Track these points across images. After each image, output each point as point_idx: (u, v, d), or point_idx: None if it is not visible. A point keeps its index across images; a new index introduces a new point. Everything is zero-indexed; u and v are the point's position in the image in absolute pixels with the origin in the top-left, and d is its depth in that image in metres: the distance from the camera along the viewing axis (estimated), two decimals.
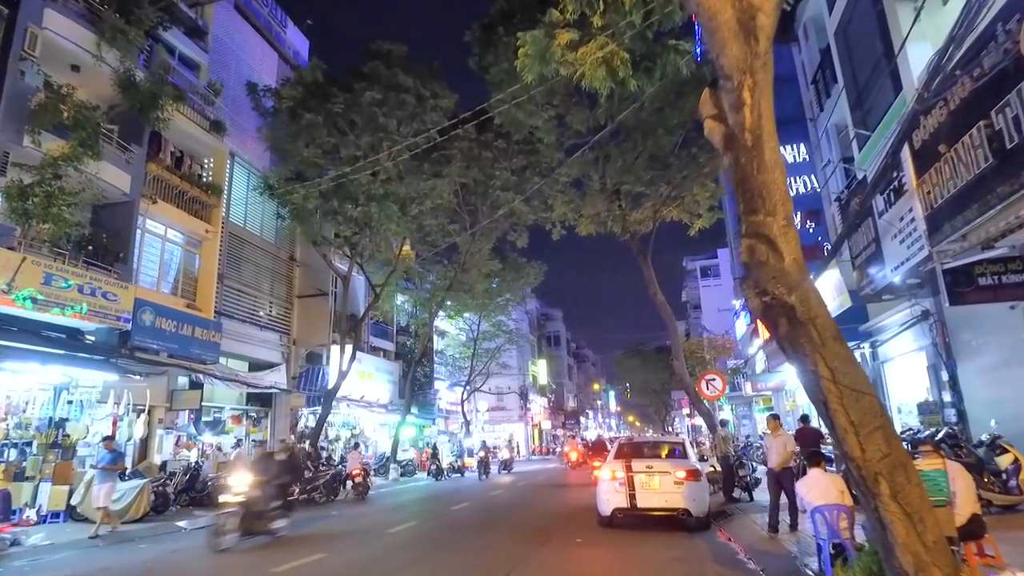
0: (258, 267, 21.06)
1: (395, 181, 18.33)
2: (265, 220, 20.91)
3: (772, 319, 3.82)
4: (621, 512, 9.26)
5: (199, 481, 14.72)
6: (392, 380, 27.40)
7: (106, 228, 13.80)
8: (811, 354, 3.74)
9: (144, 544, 9.65)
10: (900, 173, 9.12)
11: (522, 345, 44.37)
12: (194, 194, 16.33)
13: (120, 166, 13.70)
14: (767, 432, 9.49)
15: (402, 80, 16.90)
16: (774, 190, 3.82)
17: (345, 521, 12.40)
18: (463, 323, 33.79)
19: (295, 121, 16.88)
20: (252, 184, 20.20)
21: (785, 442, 8.79)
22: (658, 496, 9.17)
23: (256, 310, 20.69)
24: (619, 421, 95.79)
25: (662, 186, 14.45)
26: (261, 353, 20.71)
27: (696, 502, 9.02)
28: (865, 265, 11.18)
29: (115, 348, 13.13)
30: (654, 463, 9.49)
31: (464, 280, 24.85)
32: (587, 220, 14.88)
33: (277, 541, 9.52)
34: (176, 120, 15.65)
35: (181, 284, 16.27)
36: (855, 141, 11.97)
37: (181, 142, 16.53)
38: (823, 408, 3.81)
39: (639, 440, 12.66)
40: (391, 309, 27.24)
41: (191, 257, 16.81)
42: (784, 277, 3.75)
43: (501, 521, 11.49)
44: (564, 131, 15.41)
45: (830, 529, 5.27)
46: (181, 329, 14.87)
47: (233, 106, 19.72)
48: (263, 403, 21.34)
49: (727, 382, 14.52)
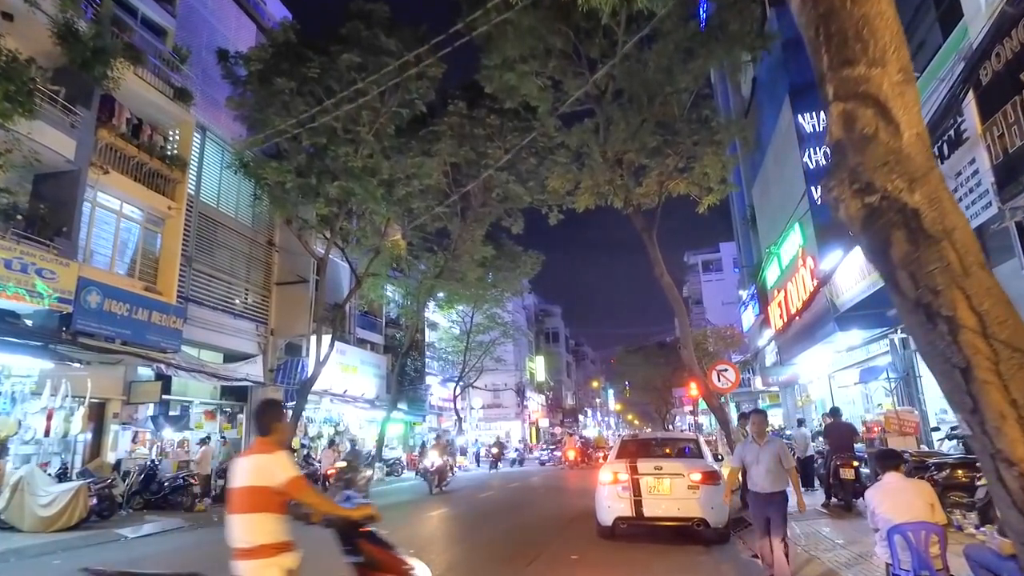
0: (233, 251, 19.62)
1: (377, 156, 16.85)
2: (241, 202, 19.45)
3: (880, 234, 2.37)
4: (625, 522, 7.80)
5: (155, 482, 13.29)
6: (379, 374, 25.94)
7: (48, 199, 12.34)
8: (946, 290, 2.28)
9: (59, 559, 8.17)
10: (958, 120, 7.69)
11: (519, 339, 42.90)
12: (154, 166, 14.85)
13: (63, 130, 12.24)
14: (747, 436, 6.40)
15: (383, 43, 15.41)
16: (881, 27, 2.37)
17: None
18: (456, 315, 32.33)
19: (265, 87, 15.39)
20: (226, 162, 18.76)
21: (778, 454, 5.75)
22: (669, 503, 7.72)
23: (230, 297, 19.24)
24: (618, 420, 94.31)
25: (669, 156, 12.98)
26: (236, 343, 19.28)
27: (714, 510, 7.56)
28: None
29: (54, 332, 11.68)
30: (664, 463, 8.02)
31: (455, 268, 23.36)
32: (586, 192, 13.40)
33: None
34: (134, 85, 14.21)
35: (139, 265, 14.80)
36: None
37: (141, 109, 15.05)
38: (958, 380, 2.34)
39: (645, 436, 11.07)
40: (379, 298, 25.77)
41: (152, 236, 15.34)
42: (902, 162, 2.30)
43: (484, 529, 10.04)
44: (561, 97, 13.97)
45: (916, 556, 3.84)
46: (136, 313, 13.42)
47: (205, 78, 18.25)
48: (239, 397, 19.90)
49: (740, 373, 13.06)
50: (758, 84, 18.44)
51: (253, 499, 2.84)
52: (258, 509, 2.82)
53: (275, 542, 2.82)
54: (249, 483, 2.86)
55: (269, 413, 3.14)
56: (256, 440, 3.08)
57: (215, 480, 15.21)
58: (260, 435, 3.07)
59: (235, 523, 2.86)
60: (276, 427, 3.11)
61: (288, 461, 2.94)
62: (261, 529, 2.81)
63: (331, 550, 3.38)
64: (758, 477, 5.76)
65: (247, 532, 2.81)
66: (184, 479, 13.35)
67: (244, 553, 2.80)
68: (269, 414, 3.13)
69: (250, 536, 2.80)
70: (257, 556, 2.77)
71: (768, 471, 5.68)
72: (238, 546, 2.82)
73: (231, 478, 2.97)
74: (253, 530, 2.80)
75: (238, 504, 2.87)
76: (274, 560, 2.79)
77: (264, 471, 2.86)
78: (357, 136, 16.31)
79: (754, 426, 6.15)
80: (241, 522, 2.83)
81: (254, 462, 2.92)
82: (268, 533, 2.82)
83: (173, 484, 13.18)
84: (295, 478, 2.88)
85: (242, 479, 2.89)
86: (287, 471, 2.86)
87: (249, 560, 2.78)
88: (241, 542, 2.81)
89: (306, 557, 3.04)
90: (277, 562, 2.79)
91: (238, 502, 2.87)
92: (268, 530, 2.82)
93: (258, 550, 2.78)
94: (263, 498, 2.83)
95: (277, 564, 2.79)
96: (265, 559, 2.77)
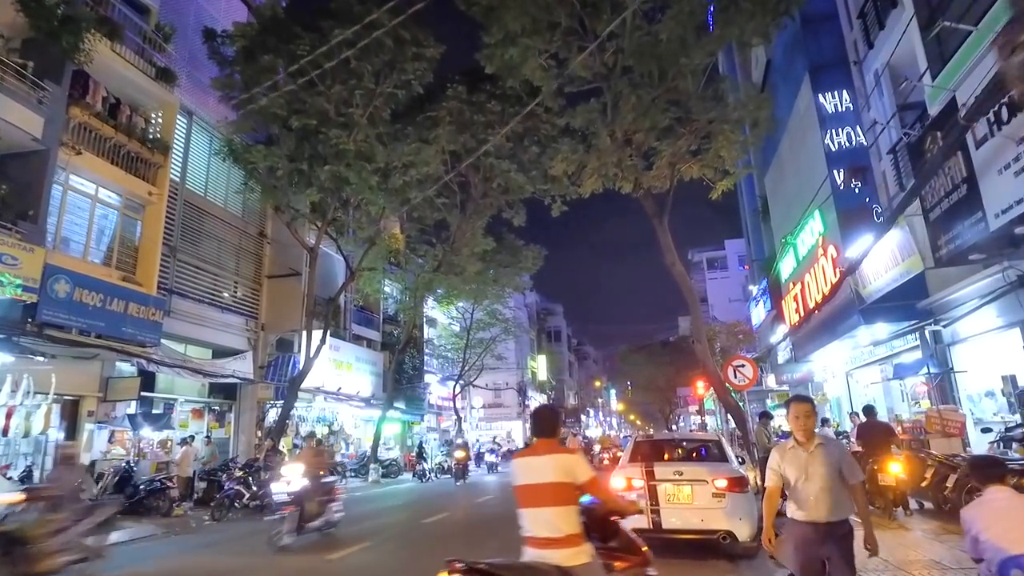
0: (221, 242, 18.74)
1: (372, 141, 15.96)
2: (230, 191, 18.55)
3: None
4: (640, 535, 6.82)
5: (131, 485, 12.41)
6: (376, 372, 25.05)
7: (13, 180, 11.45)
8: None
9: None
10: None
11: (520, 337, 41.95)
12: (133, 149, 13.95)
13: (30, 106, 11.35)
14: (773, 438, 4.56)
15: (377, 19, 14.47)
16: None
17: (232, 542, 9.95)
18: (456, 312, 31.40)
19: (252, 65, 14.49)
20: (214, 148, 17.90)
21: (838, 464, 3.84)
22: (691, 514, 6.76)
23: (218, 290, 18.37)
24: (620, 420, 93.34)
25: (682, 136, 12.07)
26: (225, 339, 18.41)
27: (743, 522, 6.59)
28: (946, 217, 8.83)
29: (17, 324, 10.80)
30: (684, 468, 7.04)
31: (455, 261, 22.44)
32: (592, 175, 12.47)
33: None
34: (112, 61, 13.36)
35: (117, 253, 13.89)
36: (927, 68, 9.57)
37: (121, 89, 14.14)
38: None
39: (662, 437, 10.01)
40: (375, 292, 24.86)
41: (131, 223, 14.45)
42: None
43: (478, 542, 9.09)
44: (565, 76, 13.08)
45: None
46: (110, 304, 12.52)
47: (193, 61, 17.40)
48: (228, 395, 19.04)
49: (758, 369, 12.13)
50: (772, 67, 17.52)
51: (559, 494, 3.11)
52: (564, 503, 3.11)
53: (579, 532, 3.12)
54: (553, 480, 3.12)
55: (554, 418, 3.46)
56: (541, 441, 3.33)
57: (196, 482, 14.37)
58: (545, 437, 3.33)
59: (537, 516, 3.14)
60: (560, 430, 3.52)
61: (585, 461, 3.24)
62: (568, 521, 3.09)
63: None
64: (807, 498, 3.81)
65: (556, 524, 3.08)
66: (161, 482, 12.47)
67: (553, 543, 3.07)
68: (554, 419, 3.45)
69: (559, 527, 3.07)
70: (568, 545, 3.06)
71: (825, 489, 3.76)
72: (544, 536, 3.09)
73: (519, 475, 3.24)
74: (561, 522, 3.08)
75: (541, 499, 3.13)
76: (581, 548, 3.08)
77: (568, 469, 3.14)
78: (350, 119, 15.42)
79: (796, 422, 3.91)
80: (547, 515, 3.10)
81: (555, 461, 3.16)
82: (574, 524, 3.11)
83: (149, 487, 12.29)
84: (594, 477, 3.20)
85: (542, 476, 3.14)
86: (587, 471, 3.18)
87: (560, 549, 3.05)
88: (548, 532, 3.08)
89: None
90: (584, 549, 3.09)
91: (541, 497, 3.13)
92: (573, 521, 3.12)
93: (567, 539, 3.07)
94: (567, 493, 3.12)
95: (584, 551, 3.09)
96: (576, 547, 3.07)
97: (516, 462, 3.37)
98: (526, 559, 3.12)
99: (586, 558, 3.09)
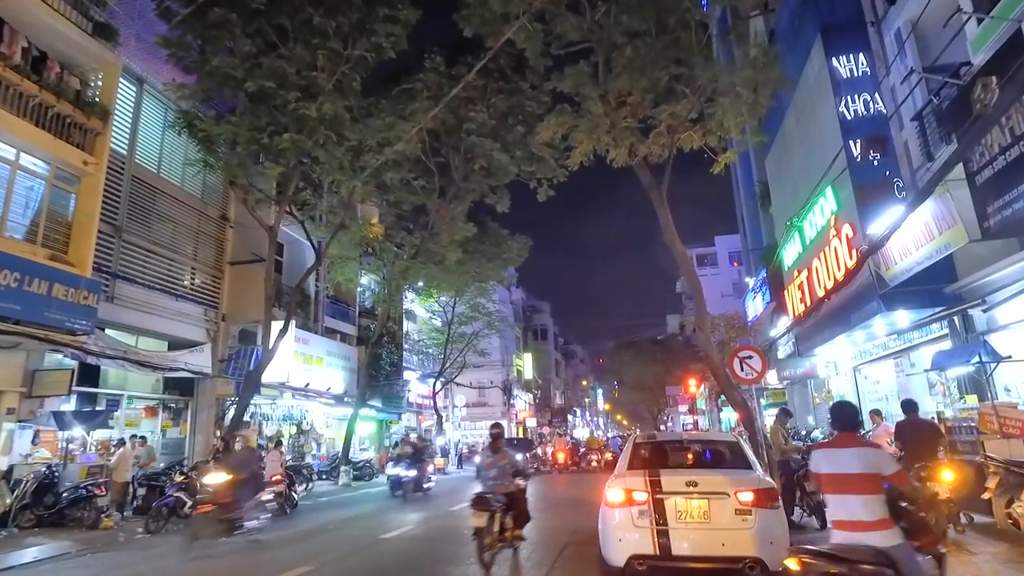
0: (177, 224, 17.09)
1: (340, 110, 14.40)
2: (188, 169, 16.87)
3: None
4: (643, 562, 5.28)
5: (51, 493, 10.80)
6: (349, 367, 23.43)
7: None
8: None
9: None
10: None
11: (504, 332, 40.44)
12: (64, 111, 12.31)
13: None
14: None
15: None
16: None
17: (155, 560, 8.44)
18: (437, 305, 29.85)
19: (201, 20, 12.89)
20: (168, 120, 16.26)
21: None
22: (707, 535, 5.27)
23: (174, 277, 16.74)
24: (607, 420, 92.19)
25: (683, 97, 10.68)
26: (181, 329, 16.78)
27: (773, 546, 5.09)
28: (998, 179, 7.51)
29: None
30: (698, 477, 5.52)
31: (434, 249, 20.93)
32: (583, 141, 11.03)
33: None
34: (34, 7, 11.73)
35: (43, 229, 12.24)
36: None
37: (48, 42, 12.46)
38: None
39: (668, 438, 8.05)
40: (348, 282, 23.27)
41: (63, 196, 12.79)
42: None
43: (442, 564, 7.60)
44: (551, 35, 11.70)
45: None
46: (29, 285, 10.88)
47: (144, 23, 15.70)
48: (184, 391, 17.42)
49: (767, 362, 10.76)
50: (776, 35, 16.22)
51: (870, 484, 3.46)
52: (875, 492, 3.45)
53: (888, 517, 3.44)
54: (865, 470, 3.48)
55: (853, 412, 3.91)
56: (844, 435, 3.73)
57: (134, 489, 12.76)
58: (847, 431, 3.75)
59: (851, 502, 3.47)
60: (859, 424, 4.01)
61: (891, 456, 3.79)
62: (880, 507, 3.43)
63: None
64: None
65: (870, 510, 3.41)
66: (87, 489, 10.86)
67: (868, 525, 3.38)
68: (853, 412, 3.90)
69: (873, 513, 3.40)
70: (882, 527, 3.38)
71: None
72: (857, 520, 3.41)
73: (827, 464, 3.66)
74: (875, 508, 3.42)
75: (855, 487, 3.48)
76: (893, 531, 3.39)
77: (877, 462, 3.52)
78: (314, 83, 13.87)
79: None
80: (862, 502, 3.43)
81: (865, 454, 3.56)
82: (884, 510, 3.43)
83: (72, 496, 10.67)
84: (900, 470, 3.62)
85: (854, 466, 3.51)
86: (893, 465, 3.58)
87: (876, 531, 3.36)
88: (863, 517, 3.40)
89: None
90: (896, 532, 3.40)
91: (854, 485, 3.49)
92: (883, 508, 3.44)
93: (880, 523, 3.38)
94: (876, 483, 3.47)
95: (896, 533, 3.39)
96: (890, 529, 3.38)
97: (818, 452, 3.83)
98: (835, 540, 3.46)
99: (899, 539, 3.38)
